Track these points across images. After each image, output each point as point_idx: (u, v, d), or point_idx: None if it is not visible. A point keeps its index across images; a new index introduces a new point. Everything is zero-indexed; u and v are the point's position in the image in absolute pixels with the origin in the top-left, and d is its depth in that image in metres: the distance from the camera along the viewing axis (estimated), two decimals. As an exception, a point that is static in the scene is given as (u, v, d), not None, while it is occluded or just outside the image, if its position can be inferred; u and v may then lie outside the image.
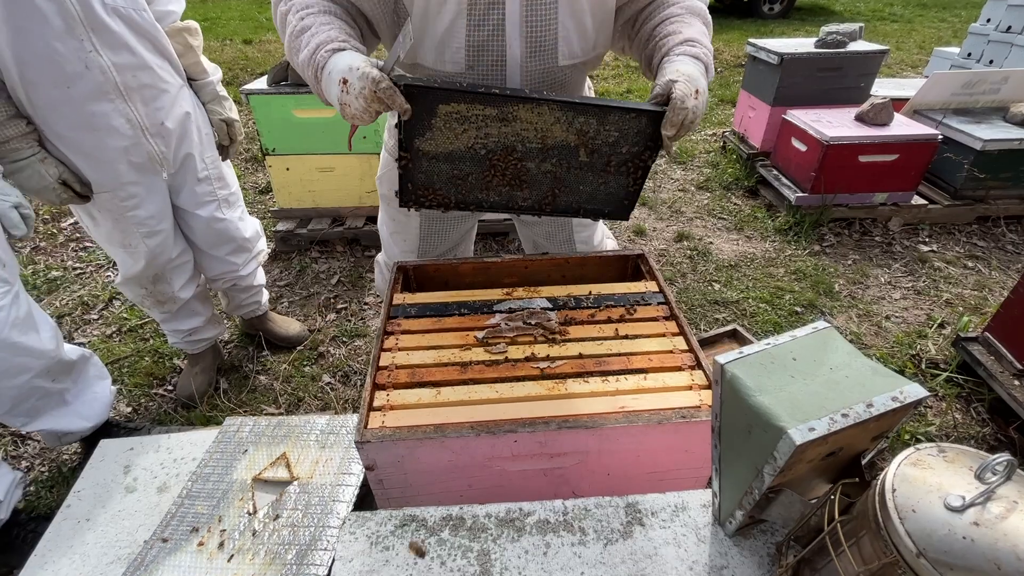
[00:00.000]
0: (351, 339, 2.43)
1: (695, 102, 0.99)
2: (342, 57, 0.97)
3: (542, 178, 1.14)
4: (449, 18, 1.05)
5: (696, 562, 0.69)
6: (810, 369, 0.61)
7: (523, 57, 1.11)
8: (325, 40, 0.99)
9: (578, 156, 1.11)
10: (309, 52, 0.99)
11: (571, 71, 1.18)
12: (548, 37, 1.09)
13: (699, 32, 1.10)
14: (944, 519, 0.43)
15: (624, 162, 1.12)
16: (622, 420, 0.89)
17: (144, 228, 1.67)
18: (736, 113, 4.08)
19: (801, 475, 0.63)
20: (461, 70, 1.13)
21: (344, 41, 1.00)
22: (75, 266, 2.97)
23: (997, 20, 4.17)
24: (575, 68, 1.18)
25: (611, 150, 1.10)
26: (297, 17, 1.04)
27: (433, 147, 1.08)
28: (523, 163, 1.11)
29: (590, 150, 1.10)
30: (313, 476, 1.33)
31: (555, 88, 1.20)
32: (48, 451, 1.92)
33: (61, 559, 1.23)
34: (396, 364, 1.04)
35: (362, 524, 0.75)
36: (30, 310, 1.43)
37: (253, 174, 4.03)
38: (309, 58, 0.99)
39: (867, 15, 9.46)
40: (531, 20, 1.07)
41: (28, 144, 1.40)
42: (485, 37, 1.08)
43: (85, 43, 1.37)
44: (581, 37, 1.13)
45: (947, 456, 0.48)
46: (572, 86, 1.26)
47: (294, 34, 1.03)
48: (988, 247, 3.00)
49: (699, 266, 2.93)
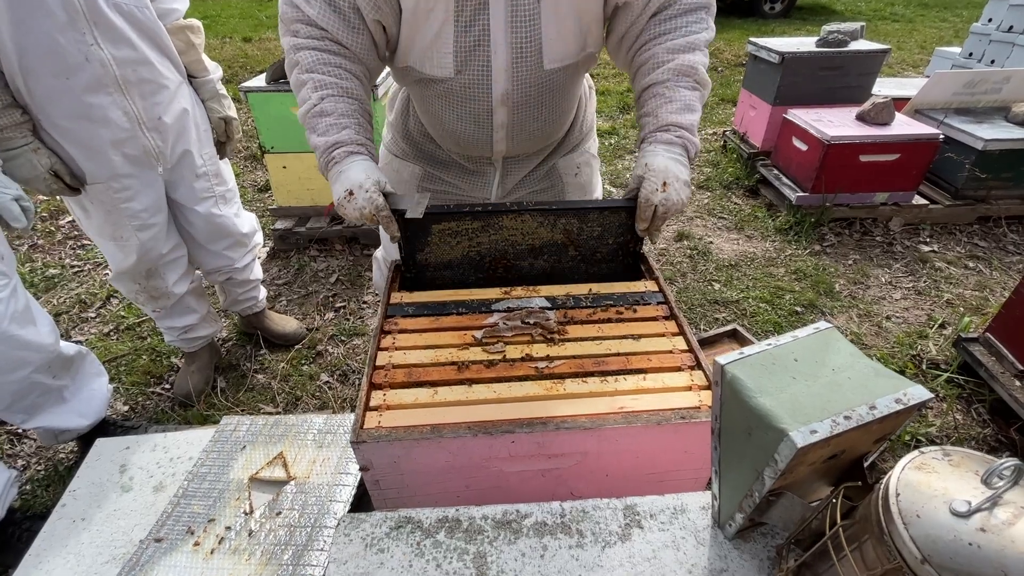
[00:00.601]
0: (349, 338, 2.42)
1: (663, 195, 1.06)
2: (355, 167, 1.08)
3: (538, 272, 1.25)
4: (437, 24, 1.06)
5: (695, 565, 0.68)
6: (812, 370, 0.60)
7: (508, 63, 1.11)
8: (344, 140, 1.09)
9: (567, 252, 1.22)
10: (325, 145, 1.08)
11: (560, 74, 1.18)
12: (532, 42, 1.09)
13: (681, 105, 1.10)
14: (949, 524, 0.42)
15: (612, 251, 1.23)
16: (621, 421, 0.88)
17: (136, 221, 1.67)
18: (736, 112, 4.07)
19: (802, 478, 0.62)
20: (449, 75, 1.14)
21: (360, 145, 1.11)
22: (73, 264, 2.96)
23: (999, 20, 4.16)
24: (564, 71, 1.18)
25: (597, 243, 1.21)
26: (317, 96, 1.08)
27: (433, 259, 1.21)
28: (517, 263, 1.22)
29: (577, 245, 1.21)
30: (310, 476, 1.32)
31: (548, 93, 1.21)
32: (44, 450, 1.91)
33: (56, 558, 1.22)
34: (393, 363, 1.03)
35: (357, 526, 0.74)
36: (28, 304, 1.43)
37: (252, 172, 4.02)
38: (325, 149, 1.08)
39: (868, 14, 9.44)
40: (515, 25, 1.07)
41: (22, 134, 1.41)
42: (472, 43, 1.08)
43: (87, 36, 1.37)
44: (566, 41, 1.12)
45: (952, 460, 0.47)
46: (566, 89, 1.25)
47: (312, 114, 1.09)
48: (989, 247, 3.00)
49: (699, 265, 2.92)
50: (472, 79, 1.14)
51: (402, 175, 1.46)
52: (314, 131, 1.10)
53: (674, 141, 1.09)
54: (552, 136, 1.38)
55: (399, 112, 1.44)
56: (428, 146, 1.41)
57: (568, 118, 1.38)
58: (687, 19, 1.12)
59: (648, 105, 1.14)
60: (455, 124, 1.26)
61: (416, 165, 1.44)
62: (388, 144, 1.50)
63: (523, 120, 1.24)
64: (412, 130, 1.41)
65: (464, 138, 1.29)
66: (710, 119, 4.92)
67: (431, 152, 1.42)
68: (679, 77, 1.11)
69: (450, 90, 1.18)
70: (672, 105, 1.10)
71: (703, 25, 1.13)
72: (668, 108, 1.10)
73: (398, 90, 1.44)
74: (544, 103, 1.23)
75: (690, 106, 1.10)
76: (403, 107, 1.42)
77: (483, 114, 1.21)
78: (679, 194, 1.07)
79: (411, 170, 1.45)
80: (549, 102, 1.24)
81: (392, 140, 1.48)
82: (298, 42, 1.09)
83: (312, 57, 1.09)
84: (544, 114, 1.26)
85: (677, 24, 1.12)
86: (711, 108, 5.18)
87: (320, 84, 1.09)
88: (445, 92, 1.19)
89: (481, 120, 1.23)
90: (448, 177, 1.44)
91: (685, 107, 1.10)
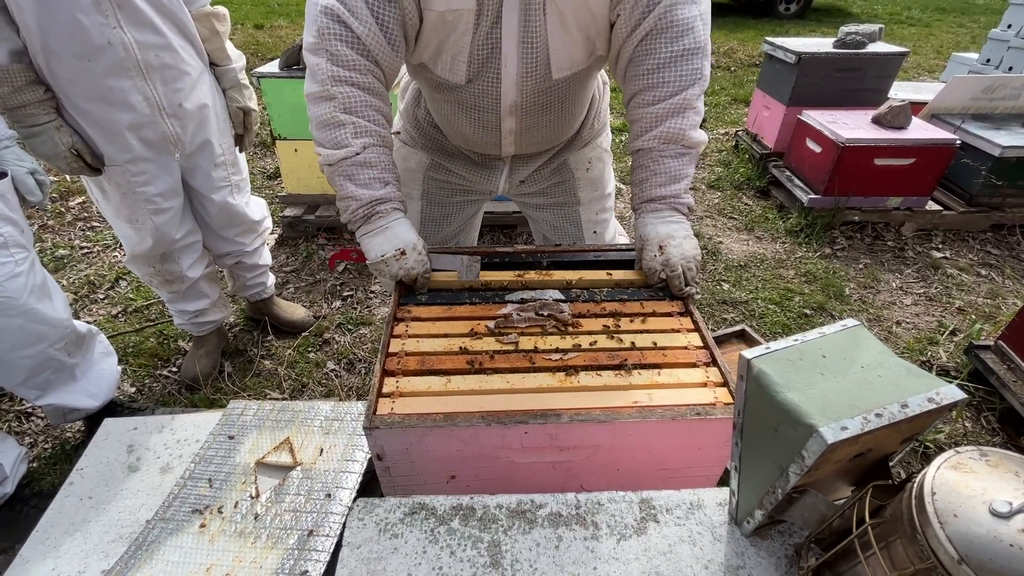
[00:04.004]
0: (356, 327, 2.42)
1: (662, 258, 1.10)
2: (403, 225, 1.11)
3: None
4: (456, 35, 1.06)
5: (711, 561, 0.67)
6: (840, 367, 0.59)
7: (519, 76, 1.11)
8: (389, 197, 1.10)
9: None
10: (369, 199, 1.08)
11: (569, 81, 1.18)
12: (540, 55, 1.09)
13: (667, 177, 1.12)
14: (989, 525, 0.41)
15: None
16: (635, 415, 0.87)
17: (152, 205, 1.67)
18: (750, 112, 4.04)
19: (825, 476, 0.61)
20: (461, 82, 1.14)
21: (402, 202, 1.14)
22: (82, 245, 2.96)
23: (1019, 26, 4.10)
24: (574, 77, 1.18)
25: None
26: (359, 143, 1.06)
27: None
28: None
29: None
30: (316, 462, 1.32)
31: (557, 101, 1.21)
32: (51, 428, 1.92)
33: (63, 536, 1.22)
34: (406, 351, 1.02)
35: (371, 511, 0.73)
36: (45, 279, 1.44)
37: (261, 159, 4.01)
38: (368, 202, 1.08)
39: (884, 18, 9.35)
40: (526, 41, 1.06)
41: (45, 111, 1.40)
42: (485, 56, 1.09)
43: (110, 19, 1.37)
44: (573, 50, 1.11)
45: (990, 460, 0.46)
46: (576, 94, 1.25)
47: (354, 163, 1.07)
48: (1002, 255, 2.96)
49: (708, 265, 2.90)
50: (483, 89, 1.15)
51: (409, 163, 1.45)
52: (352, 180, 1.07)
53: (661, 208, 1.13)
54: (561, 137, 1.37)
55: (410, 100, 1.43)
56: (436, 136, 1.40)
57: (578, 119, 1.37)
58: (678, 71, 1.07)
59: (637, 175, 1.17)
60: (465, 127, 1.26)
61: (424, 154, 1.43)
62: (398, 130, 1.49)
63: (531, 126, 1.25)
64: (421, 119, 1.40)
65: (472, 139, 1.30)
66: (722, 119, 4.88)
67: (439, 142, 1.41)
68: (665, 146, 1.11)
69: (460, 98, 1.19)
70: (657, 178, 1.12)
71: (696, 76, 1.08)
72: (653, 182, 1.13)
73: (410, 81, 1.43)
74: (553, 108, 1.23)
75: (676, 176, 1.12)
76: (415, 96, 1.41)
77: (492, 122, 1.22)
78: (680, 249, 1.09)
79: (419, 158, 1.44)
80: (558, 107, 1.24)
81: (402, 127, 1.47)
82: (337, 73, 1.02)
83: (354, 98, 1.04)
84: (552, 119, 1.26)
85: (667, 78, 1.07)
86: (723, 108, 5.14)
87: (362, 131, 1.06)
88: (455, 99, 1.20)
89: (490, 126, 1.23)
90: (455, 168, 1.43)
91: (670, 179, 1.12)
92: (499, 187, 1.45)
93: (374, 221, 1.09)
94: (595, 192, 1.51)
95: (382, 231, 1.09)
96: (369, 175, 1.07)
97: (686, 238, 1.11)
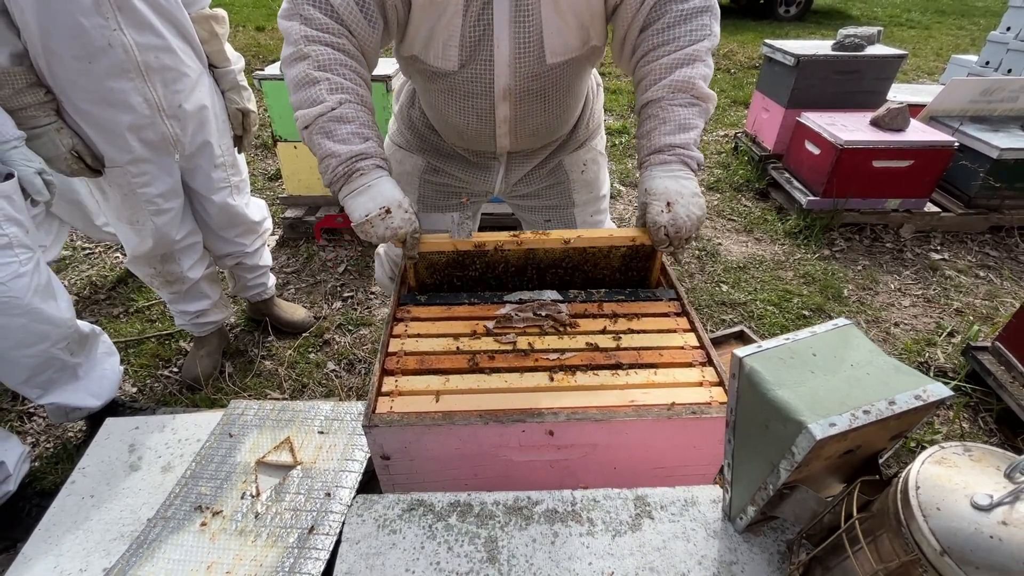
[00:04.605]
0: (356, 328, 2.43)
1: (669, 215, 1.03)
2: (387, 182, 1.05)
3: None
4: (447, 17, 1.06)
5: (705, 556, 0.68)
6: (831, 365, 0.60)
7: (511, 58, 1.11)
8: (370, 152, 1.04)
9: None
10: (348, 154, 1.02)
11: (563, 68, 1.16)
12: (533, 37, 1.08)
13: (676, 125, 1.06)
14: (971, 518, 0.42)
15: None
16: (632, 414, 0.88)
17: (152, 206, 1.68)
18: (749, 114, 4.05)
19: (816, 473, 0.62)
20: (453, 68, 1.13)
21: (385, 160, 1.08)
22: (84, 246, 2.98)
23: (1018, 28, 4.12)
24: (568, 64, 1.16)
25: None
26: (335, 99, 1.02)
27: None
28: None
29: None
30: (316, 461, 1.33)
31: (552, 87, 1.20)
32: (53, 428, 1.93)
33: (65, 534, 1.23)
34: (405, 350, 1.03)
35: (369, 507, 0.74)
36: (50, 278, 1.45)
37: (263, 160, 4.03)
38: (347, 158, 1.02)
39: (884, 20, 9.36)
40: (518, 20, 1.06)
41: (45, 112, 1.42)
42: (477, 37, 1.08)
43: (110, 21, 1.38)
44: (567, 35, 1.11)
45: (973, 455, 0.47)
46: (570, 83, 1.24)
47: (330, 118, 1.02)
48: (1000, 257, 2.97)
49: (707, 267, 2.91)
50: (475, 73, 1.13)
51: (404, 166, 1.46)
52: (330, 137, 1.02)
53: (670, 160, 1.06)
54: (556, 132, 1.36)
55: (404, 102, 1.43)
56: (432, 137, 1.40)
57: (572, 114, 1.36)
58: (688, 27, 1.07)
59: (644, 127, 1.11)
60: (458, 119, 1.25)
61: (419, 156, 1.44)
62: (393, 135, 1.50)
63: (526, 115, 1.23)
64: (416, 121, 1.41)
65: (467, 133, 1.28)
66: (721, 121, 4.90)
67: (435, 143, 1.41)
68: (675, 94, 1.07)
69: (453, 85, 1.17)
70: (666, 126, 1.07)
71: (705, 31, 1.08)
72: (662, 130, 1.07)
73: (404, 83, 1.44)
74: (547, 97, 1.22)
75: (685, 124, 1.06)
76: (408, 98, 1.42)
77: (486, 109, 1.20)
78: (688, 209, 1.03)
79: (414, 161, 1.45)
80: (552, 96, 1.22)
81: (397, 130, 1.48)
82: (310, 32, 1.01)
83: (327, 55, 1.02)
84: (547, 108, 1.24)
85: (677, 34, 1.08)
86: (723, 110, 5.16)
87: (338, 87, 1.02)
88: (448, 87, 1.18)
89: (484, 115, 1.22)
90: (451, 169, 1.43)
91: (680, 127, 1.06)
92: (495, 187, 1.45)
93: (355, 179, 1.03)
94: (590, 194, 1.52)
95: (365, 190, 1.03)
96: (347, 130, 1.02)
97: (695, 196, 1.05)
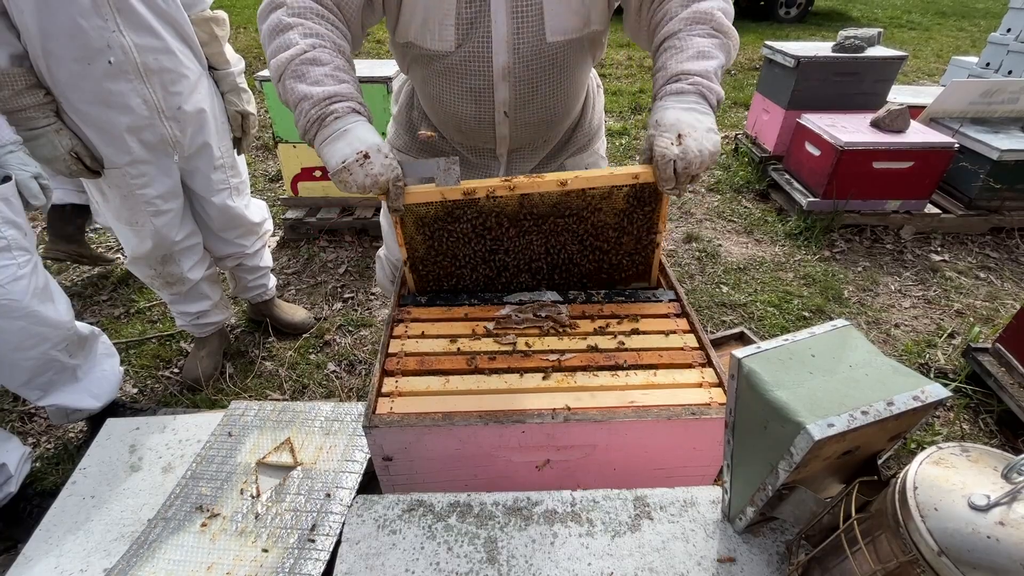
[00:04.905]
0: (357, 328, 2.43)
1: (679, 148, 0.95)
2: (364, 126, 0.98)
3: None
4: None
5: (704, 557, 0.68)
6: (829, 366, 0.60)
7: (510, 33, 1.08)
8: (345, 93, 0.97)
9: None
10: (322, 95, 0.96)
11: (565, 49, 1.14)
12: (533, 11, 1.06)
13: (693, 53, 1.00)
14: (968, 518, 0.42)
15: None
16: (631, 415, 0.88)
17: (151, 207, 1.69)
18: (749, 116, 4.05)
19: (815, 473, 0.62)
20: (450, 48, 1.10)
21: (362, 105, 1.00)
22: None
23: (1018, 30, 4.12)
24: (569, 46, 1.14)
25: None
26: (307, 42, 0.97)
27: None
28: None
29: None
30: (317, 462, 1.33)
31: (551, 69, 1.17)
32: (54, 429, 1.94)
33: (66, 535, 1.23)
34: (405, 351, 1.03)
35: (369, 507, 0.74)
36: (48, 281, 1.45)
37: (263, 162, 4.04)
38: (320, 100, 0.96)
39: (885, 21, 9.37)
40: None
41: (44, 114, 1.42)
42: (473, 14, 1.06)
43: (109, 23, 1.39)
44: (568, 12, 1.09)
45: (970, 456, 0.47)
46: (570, 69, 1.21)
47: (302, 60, 0.97)
48: (1001, 259, 2.97)
49: (707, 268, 2.91)
50: (472, 52, 1.10)
51: None
52: (301, 79, 0.96)
53: (686, 90, 0.98)
54: (556, 123, 1.34)
55: (403, 105, 1.43)
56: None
57: (572, 104, 1.34)
58: None
59: (660, 60, 1.04)
60: (456, 104, 1.22)
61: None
62: (391, 139, 1.49)
63: (525, 98, 1.20)
64: (416, 122, 1.40)
65: (466, 121, 1.26)
66: (722, 122, 4.90)
67: (434, 145, 1.41)
68: (692, 25, 1.01)
69: (451, 66, 1.15)
70: (683, 55, 0.99)
71: None
72: (678, 58, 1.00)
73: (403, 84, 1.43)
74: (547, 79, 1.19)
75: (704, 53, 0.99)
76: (408, 99, 1.42)
77: (484, 90, 1.17)
78: (700, 143, 0.95)
79: None
80: (552, 79, 1.19)
81: (395, 134, 1.47)
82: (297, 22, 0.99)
83: (303, 4, 0.99)
84: (547, 92, 1.21)
85: None
86: (723, 111, 5.16)
87: (311, 31, 0.98)
88: (445, 69, 1.16)
89: (482, 98, 1.19)
90: None
91: (697, 55, 0.99)
92: None
93: (330, 124, 0.96)
94: None
95: (341, 135, 0.96)
96: (320, 72, 0.96)
97: (709, 131, 0.96)
